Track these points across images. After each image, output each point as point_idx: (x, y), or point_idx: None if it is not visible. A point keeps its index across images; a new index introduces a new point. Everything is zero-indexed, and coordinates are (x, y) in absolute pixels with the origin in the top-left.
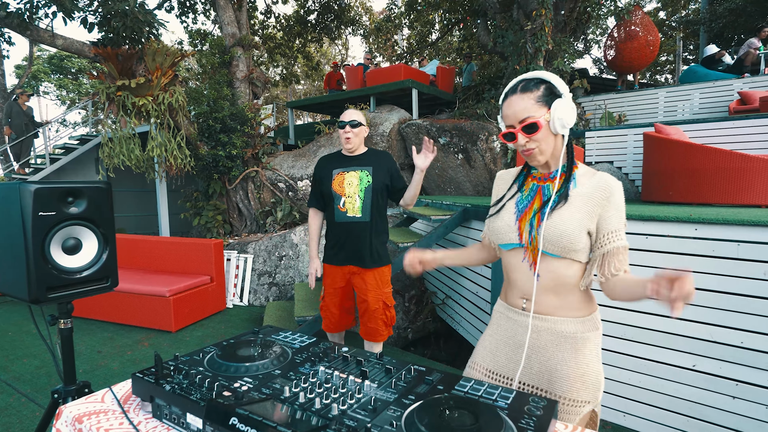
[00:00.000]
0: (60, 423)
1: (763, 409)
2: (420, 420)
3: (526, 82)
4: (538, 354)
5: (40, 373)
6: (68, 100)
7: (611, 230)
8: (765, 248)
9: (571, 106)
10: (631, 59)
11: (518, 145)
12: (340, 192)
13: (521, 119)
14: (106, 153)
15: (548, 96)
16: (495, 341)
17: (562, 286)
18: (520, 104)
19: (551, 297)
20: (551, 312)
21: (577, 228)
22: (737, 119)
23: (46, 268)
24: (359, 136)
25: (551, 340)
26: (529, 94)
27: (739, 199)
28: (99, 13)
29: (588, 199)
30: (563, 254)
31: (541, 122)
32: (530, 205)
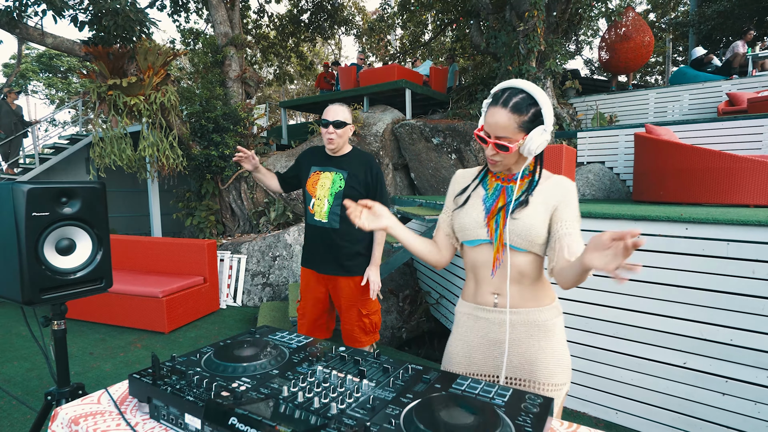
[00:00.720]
0: (56, 425)
1: (751, 405)
2: (419, 418)
3: (520, 99)
4: (516, 347)
5: (30, 375)
6: (57, 99)
7: (564, 219)
8: (754, 247)
9: (546, 138)
10: (627, 59)
11: (487, 151)
12: (312, 192)
13: (498, 136)
14: (97, 153)
15: (532, 122)
16: (466, 344)
17: (527, 278)
18: (503, 122)
19: (519, 290)
20: (521, 304)
21: (541, 222)
22: (726, 120)
23: (39, 269)
24: (343, 137)
25: (525, 331)
26: (515, 116)
27: (728, 199)
28: (89, 11)
29: (546, 195)
30: (529, 248)
31: (513, 148)
32: (496, 203)
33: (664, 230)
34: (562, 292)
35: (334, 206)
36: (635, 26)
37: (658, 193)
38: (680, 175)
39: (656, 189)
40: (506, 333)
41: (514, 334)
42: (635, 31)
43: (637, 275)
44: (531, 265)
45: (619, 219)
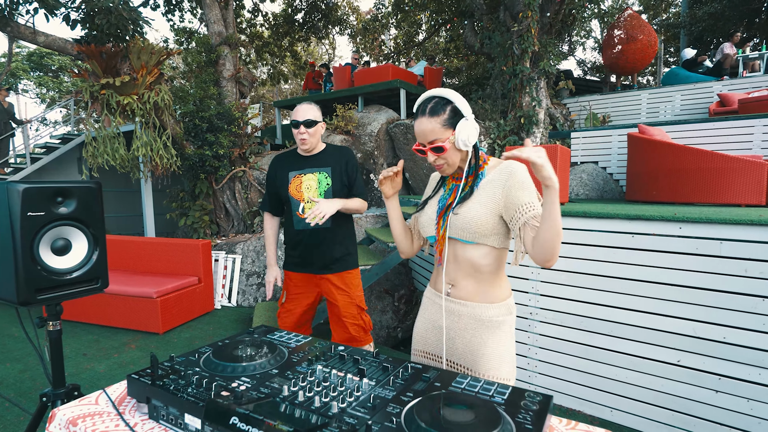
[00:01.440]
0: (53, 426)
1: (744, 402)
2: (419, 416)
3: (434, 103)
4: (461, 335)
5: (23, 377)
6: (48, 98)
7: (522, 204)
8: (746, 246)
9: (473, 126)
10: (635, 60)
11: (429, 160)
12: (298, 197)
13: (429, 141)
14: (89, 152)
15: (453, 118)
16: (424, 325)
17: (480, 273)
18: (428, 127)
19: (471, 283)
20: (470, 298)
21: (485, 213)
22: (717, 120)
23: (35, 269)
24: (315, 135)
25: (471, 324)
26: (435, 118)
27: (720, 199)
28: (82, 9)
29: (491, 185)
30: (477, 240)
31: (446, 145)
32: (448, 201)
33: (658, 229)
34: (553, 292)
35: None
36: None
37: (651, 193)
38: (673, 174)
39: (649, 189)
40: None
41: (460, 324)
42: (641, 31)
43: (631, 274)
44: (486, 258)
45: (614, 218)
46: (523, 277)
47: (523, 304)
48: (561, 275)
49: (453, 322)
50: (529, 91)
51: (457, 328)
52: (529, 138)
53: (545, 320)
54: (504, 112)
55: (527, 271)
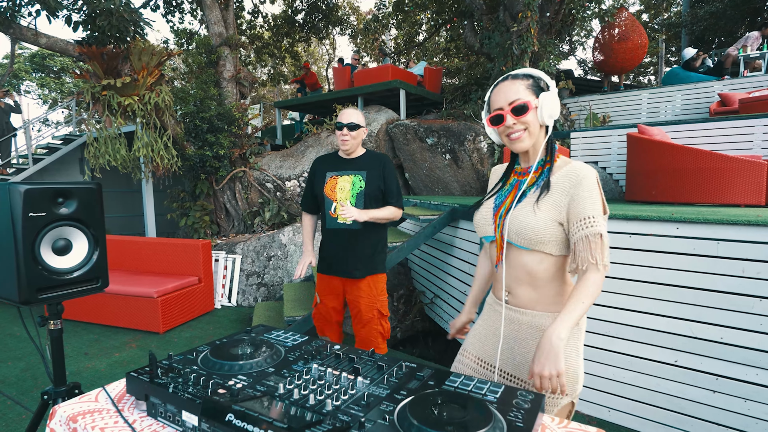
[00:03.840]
0: (54, 423)
1: (741, 402)
2: (412, 414)
3: (515, 74)
4: (519, 346)
5: (25, 375)
6: (50, 99)
7: (582, 218)
8: (743, 246)
9: (557, 100)
10: (624, 60)
11: (505, 128)
12: (332, 196)
13: (511, 101)
14: (91, 153)
15: (536, 87)
16: (483, 331)
17: (537, 279)
18: (512, 88)
19: (528, 290)
20: (530, 306)
21: (544, 220)
22: (717, 120)
23: (36, 269)
24: (357, 138)
25: (531, 333)
26: (519, 81)
27: (719, 199)
28: (84, 11)
29: (556, 189)
30: (532, 246)
31: (531, 104)
32: (506, 198)
33: (656, 230)
34: None
35: (357, 207)
36: (631, 27)
37: (651, 193)
38: (672, 175)
39: (648, 189)
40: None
41: (519, 333)
42: (632, 32)
43: (628, 274)
44: (541, 265)
45: (611, 219)
46: None
47: None
48: None
49: (512, 331)
50: None
51: (517, 337)
52: None
53: None
54: None
55: None
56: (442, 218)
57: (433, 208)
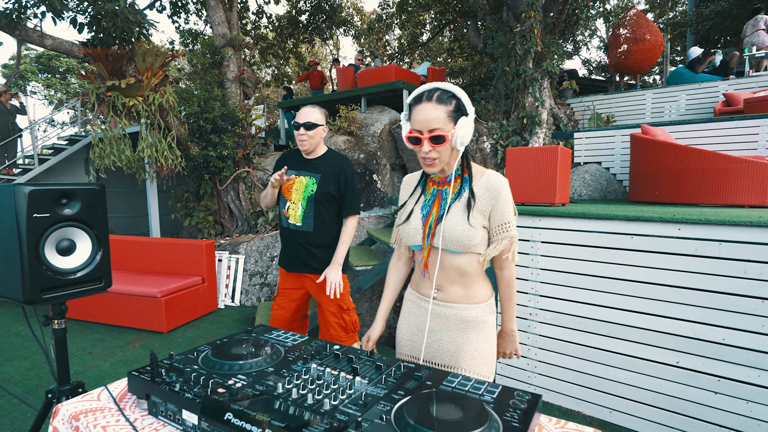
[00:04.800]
0: (57, 421)
1: (743, 403)
2: (409, 414)
3: (441, 92)
4: (447, 335)
5: (30, 374)
6: (56, 100)
7: (502, 222)
8: (745, 247)
9: (471, 126)
10: (642, 60)
11: (421, 151)
12: (287, 196)
13: (431, 129)
14: (96, 153)
15: (457, 112)
16: (410, 329)
17: (467, 277)
18: (434, 113)
19: (458, 288)
20: (458, 300)
21: (474, 228)
22: (722, 120)
23: (40, 269)
24: (315, 137)
25: (458, 324)
26: (443, 106)
27: (723, 200)
28: (89, 13)
29: (479, 200)
30: (465, 250)
31: (448, 136)
32: (431, 210)
33: (657, 230)
34: (552, 293)
35: (308, 210)
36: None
37: (654, 194)
38: (675, 175)
39: (652, 189)
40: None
41: (447, 325)
42: (648, 31)
43: (630, 275)
44: (471, 264)
45: (613, 220)
46: (522, 277)
47: (523, 305)
48: (560, 276)
49: (439, 324)
50: (532, 92)
51: (444, 329)
52: (531, 138)
53: (544, 321)
54: (507, 112)
55: (527, 272)
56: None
57: None
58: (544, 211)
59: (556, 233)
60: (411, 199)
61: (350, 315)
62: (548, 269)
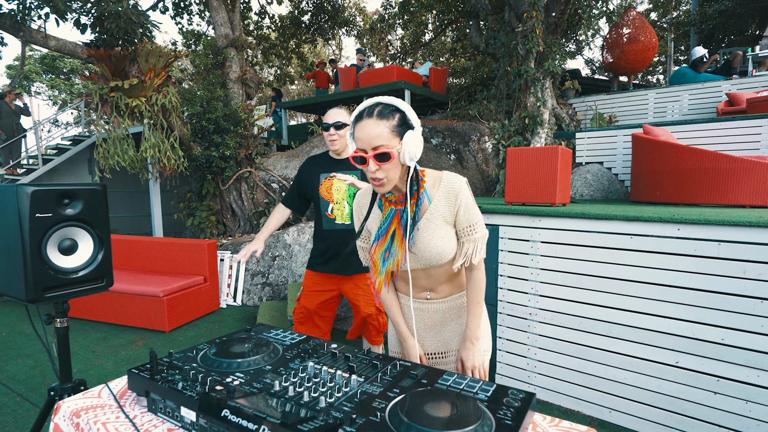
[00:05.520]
0: (58, 417)
1: (742, 404)
2: (402, 412)
3: (382, 107)
4: (445, 327)
5: (34, 373)
6: (60, 100)
7: (468, 224)
8: (745, 247)
9: (419, 140)
10: (635, 61)
11: (368, 171)
12: (328, 198)
13: (375, 146)
14: (100, 154)
15: (401, 126)
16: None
17: (451, 276)
18: (376, 130)
19: (447, 285)
20: (449, 293)
21: (446, 241)
22: (725, 120)
23: (42, 268)
24: (344, 137)
25: (453, 313)
26: (385, 121)
27: (724, 200)
28: (92, 14)
29: (441, 212)
30: (442, 262)
31: (393, 153)
32: (388, 230)
33: (656, 231)
34: (552, 293)
35: None
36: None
37: (655, 194)
38: (676, 175)
39: (653, 190)
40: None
41: (446, 318)
42: (642, 33)
43: (629, 275)
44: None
45: (612, 220)
46: (521, 277)
47: (522, 305)
48: (560, 276)
49: (441, 318)
50: (534, 92)
51: (443, 321)
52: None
53: (544, 321)
54: (509, 112)
55: (526, 272)
56: None
57: None
58: (544, 211)
59: (556, 233)
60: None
61: (384, 317)
62: (548, 269)
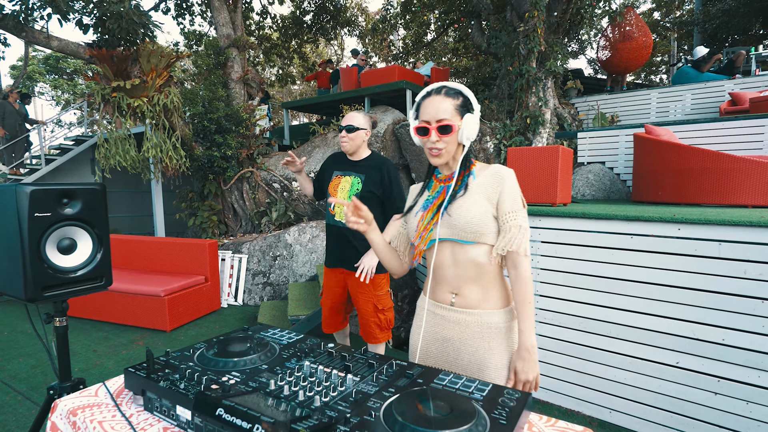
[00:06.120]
0: (55, 416)
1: (743, 404)
2: (397, 411)
3: (448, 89)
4: (467, 346)
5: (35, 372)
6: (63, 100)
7: (509, 210)
8: (745, 247)
9: (477, 123)
10: (628, 59)
11: (429, 141)
12: (333, 194)
13: (439, 119)
14: (102, 154)
15: (464, 108)
16: (424, 338)
17: (483, 275)
18: (443, 105)
19: (476, 289)
20: (477, 305)
21: (483, 212)
22: (728, 120)
23: (41, 267)
24: (355, 140)
25: (479, 332)
26: (451, 99)
27: (726, 200)
28: (94, 14)
29: (485, 187)
30: (477, 239)
31: (455, 127)
32: (434, 202)
33: (657, 230)
34: (553, 293)
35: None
36: (637, 26)
37: (657, 194)
38: (678, 175)
39: (655, 189)
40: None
41: (466, 334)
42: (637, 31)
43: (630, 275)
44: (486, 257)
45: (613, 220)
46: None
47: None
48: (560, 276)
49: (458, 333)
50: (536, 92)
51: (463, 338)
52: (535, 138)
53: (545, 321)
54: (510, 112)
55: None
56: None
57: None
58: (544, 211)
59: (557, 233)
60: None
61: (385, 314)
62: (549, 269)
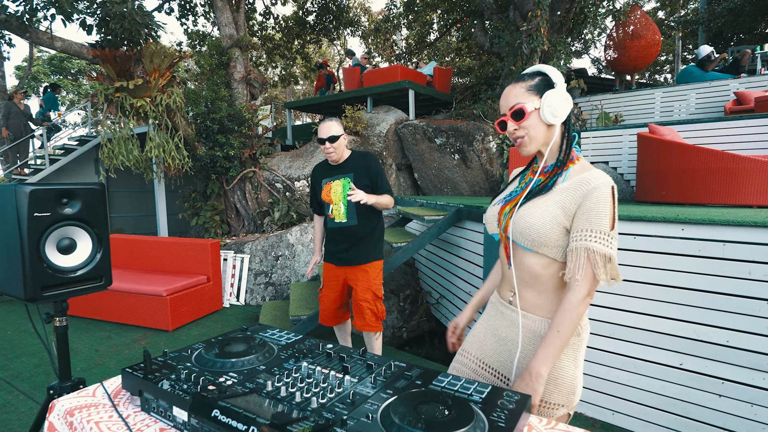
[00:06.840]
0: (53, 416)
1: (747, 406)
2: (395, 413)
3: (522, 74)
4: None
5: (38, 371)
6: (67, 101)
7: (581, 229)
8: (750, 248)
9: (564, 97)
10: (637, 58)
11: (509, 133)
12: (328, 200)
13: (510, 106)
14: (105, 154)
15: (542, 86)
16: (484, 330)
17: (539, 283)
18: (512, 92)
19: (532, 294)
20: (531, 309)
21: (548, 221)
22: (732, 119)
23: (41, 267)
24: (338, 148)
25: (530, 338)
26: (521, 83)
27: (731, 200)
28: (97, 15)
29: (566, 194)
30: (534, 248)
31: (527, 108)
32: (518, 196)
33: (660, 231)
34: None
35: (350, 207)
36: (644, 25)
37: (660, 194)
38: (682, 175)
39: (658, 189)
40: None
41: (523, 337)
42: (645, 30)
43: (633, 276)
44: (546, 269)
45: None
46: None
47: None
48: None
49: (512, 333)
50: None
51: (517, 341)
52: None
53: None
54: None
55: None
56: (447, 219)
57: (438, 209)
58: None
59: None
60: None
61: (382, 305)
62: None
